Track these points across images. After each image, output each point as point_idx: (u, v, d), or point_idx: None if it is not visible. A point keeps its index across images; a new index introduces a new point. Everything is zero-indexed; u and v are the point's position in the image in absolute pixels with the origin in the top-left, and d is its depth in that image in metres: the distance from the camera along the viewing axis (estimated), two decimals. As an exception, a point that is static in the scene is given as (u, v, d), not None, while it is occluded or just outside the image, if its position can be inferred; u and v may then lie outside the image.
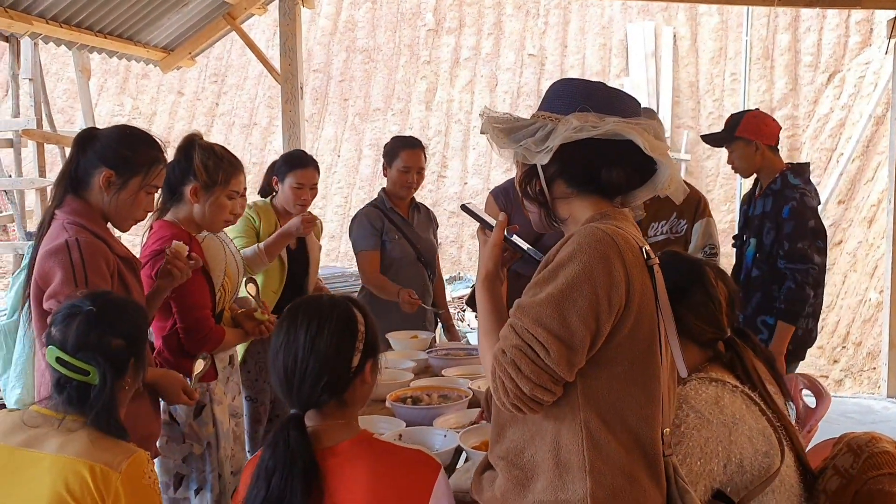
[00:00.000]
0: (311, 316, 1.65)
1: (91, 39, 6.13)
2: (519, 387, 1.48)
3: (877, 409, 6.00)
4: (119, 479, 1.73)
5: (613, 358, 1.53)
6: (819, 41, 12.91)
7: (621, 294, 1.50)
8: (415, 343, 3.62)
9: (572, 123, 1.56)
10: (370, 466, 1.60)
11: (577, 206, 1.67)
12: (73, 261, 2.15)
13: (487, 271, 1.73)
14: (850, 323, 8.98)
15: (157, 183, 2.39)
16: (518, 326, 1.50)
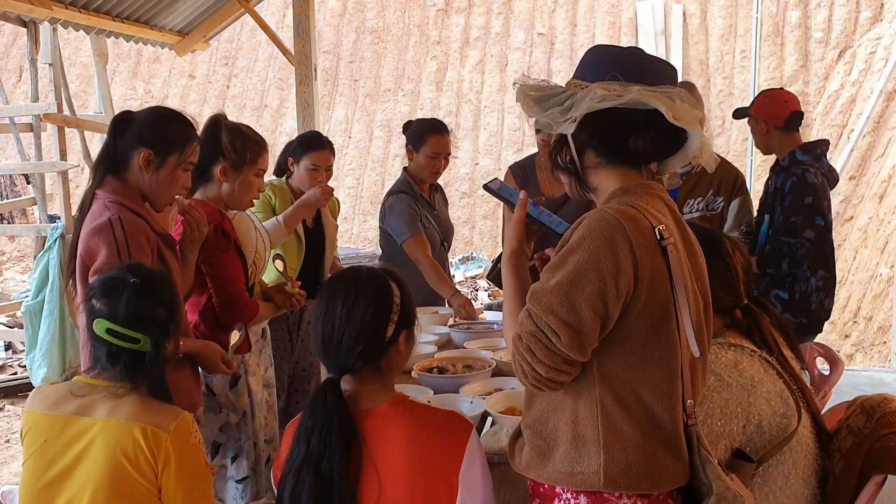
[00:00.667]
0: (349, 287, 1.73)
1: (108, 24, 6.20)
2: (536, 370, 1.55)
3: (888, 382, 6.07)
4: (168, 438, 1.83)
5: (626, 338, 1.56)
6: (830, 17, 12.86)
7: (629, 279, 1.52)
8: (436, 318, 3.71)
9: (596, 93, 1.57)
10: (407, 427, 1.69)
11: (605, 175, 1.68)
12: (116, 237, 2.25)
13: (512, 249, 1.75)
14: (860, 298, 9.03)
15: (192, 160, 2.48)
16: (532, 312, 1.55)
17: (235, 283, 2.74)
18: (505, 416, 2.30)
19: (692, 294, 1.60)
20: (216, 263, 2.70)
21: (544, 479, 1.65)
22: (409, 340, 1.79)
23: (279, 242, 3.45)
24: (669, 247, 1.56)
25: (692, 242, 1.70)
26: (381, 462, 1.66)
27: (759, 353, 1.99)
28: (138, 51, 14.19)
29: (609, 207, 1.58)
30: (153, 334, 1.91)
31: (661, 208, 1.64)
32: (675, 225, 1.65)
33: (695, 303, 1.62)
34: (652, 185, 1.68)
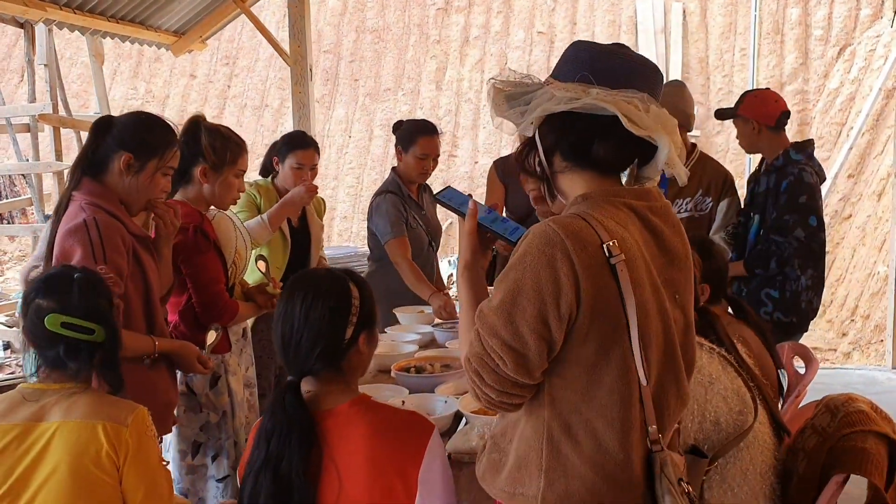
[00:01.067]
0: (308, 288, 1.75)
1: (104, 24, 6.24)
2: (486, 394, 1.51)
3: (881, 381, 6.07)
4: (127, 432, 1.86)
5: (575, 361, 1.47)
6: (830, 14, 12.83)
7: (570, 301, 1.42)
8: (421, 317, 3.73)
9: (553, 95, 1.50)
10: (367, 427, 1.70)
11: (573, 180, 1.58)
12: (91, 239, 2.27)
13: (465, 261, 1.67)
14: (858, 296, 9.02)
15: (172, 164, 2.51)
16: (480, 334, 1.49)
17: (215, 283, 2.76)
18: (477, 416, 2.31)
19: (654, 314, 1.49)
20: (196, 264, 2.72)
21: (493, 493, 1.63)
22: (369, 341, 1.81)
23: (264, 241, 3.47)
24: (619, 264, 1.44)
25: (670, 252, 1.58)
26: (342, 462, 1.67)
27: (718, 351, 2.01)
28: (139, 51, 14.22)
29: (553, 221, 1.48)
30: (106, 325, 1.94)
31: (623, 219, 1.52)
32: (641, 237, 1.53)
33: (659, 322, 1.51)
34: (618, 192, 1.56)
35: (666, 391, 1.54)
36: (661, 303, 1.52)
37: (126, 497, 1.88)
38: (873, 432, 1.90)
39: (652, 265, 1.52)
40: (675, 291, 1.57)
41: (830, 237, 10.49)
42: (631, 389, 1.47)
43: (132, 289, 2.39)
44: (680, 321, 1.57)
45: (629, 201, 1.56)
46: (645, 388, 1.48)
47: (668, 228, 1.59)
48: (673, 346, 1.54)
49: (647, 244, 1.54)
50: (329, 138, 13.81)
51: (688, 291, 1.61)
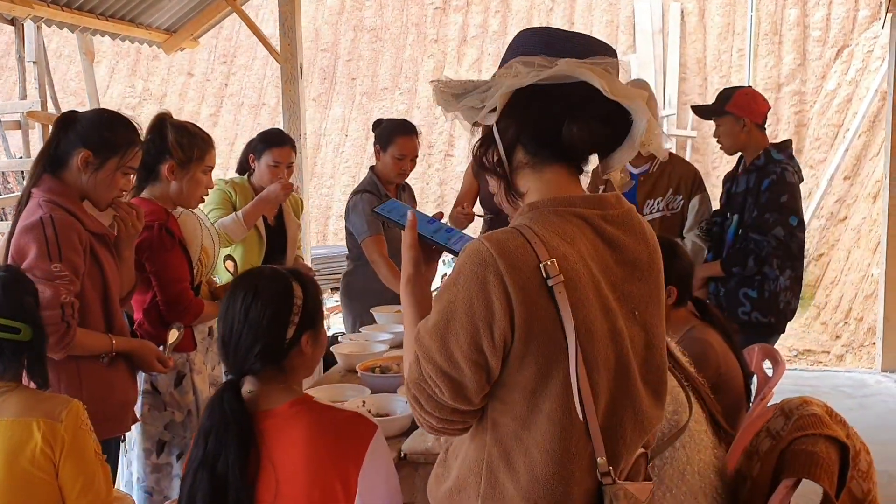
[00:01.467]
0: (248, 287, 1.73)
1: (93, 22, 6.23)
2: (427, 420, 1.43)
3: (869, 383, 6.04)
4: (62, 427, 1.85)
5: (514, 387, 1.37)
6: (828, 15, 12.80)
7: (504, 327, 1.32)
8: (397, 317, 3.71)
9: (518, 69, 1.37)
10: (306, 427, 1.68)
11: (532, 180, 1.44)
12: (47, 236, 2.27)
13: (408, 276, 1.55)
14: (852, 299, 8.99)
15: (133, 164, 2.50)
16: (418, 358, 1.39)
17: (179, 281, 2.75)
18: (436, 416, 2.30)
19: (603, 335, 1.37)
20: (160, 262, 2.71)
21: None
22: (313, 342, 1.78)
23: (239, 238, 3.46)
24: (557, 286, 1.32)
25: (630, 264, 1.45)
26: (279, 462, 1.66)
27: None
28: (137, 49, 14.24)
29: (488, 238, 1.36)
30: (31, 323, 1.93)
31: (570, 232, 1.39)
32: (592, 251, 1.40)
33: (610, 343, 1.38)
34: (570, 200, 1.42)
35: (620, 418, 1.41)
36: (614, 322, 1.39)
37: (63, 492, 1.88)
38: (825, 436, 1.88)
39: (603, 281, 1.39)
40: (633, 307, 1.44)
41: (825, 239, 10.47)
42: (572, 418, 1.35)
43: (90, 287, 2.38)
44: (639, 338, 1.44)
45: (581, 210, 1.42)
46: (591, 417, 1.36)
47: (629, 237, 1.45)
48: (627, 368, 1.41)
49: (600, 258, 1.41)
50: (326, 137, 13.82)
51: (651, 304, 1.47)
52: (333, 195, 13.14)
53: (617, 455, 1.42)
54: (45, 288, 2.17)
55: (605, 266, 1.41)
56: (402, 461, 2.19)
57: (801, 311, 9.90)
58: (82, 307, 2.33)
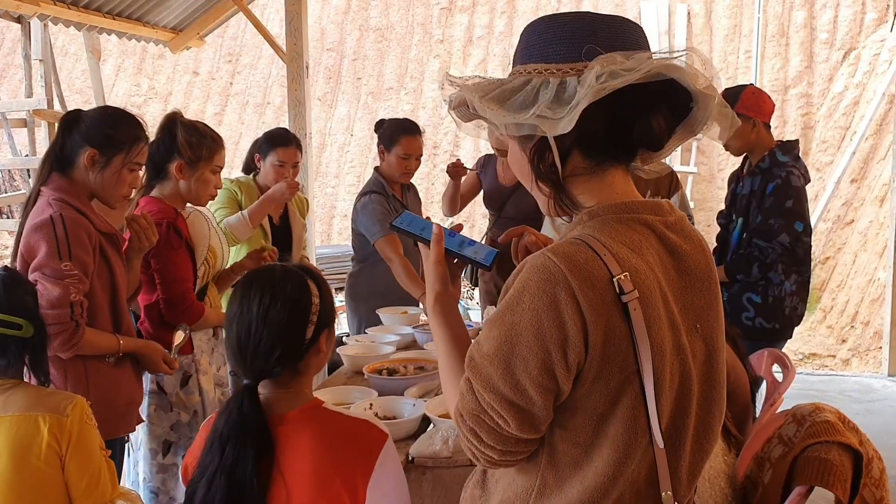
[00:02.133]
0: (265, 287, 1.66)
1: (99, 20, 6.23)
2: (487, 454, 1.30)
3: (876, 388, 6.01)
4: (69, 422, 1.84)
5: (579, 410, 1.26)
6: (835, 18, 12.76)
7: (579, 348, 1.21)
8: (403, 318, 3.69)
9: (600, 71, 1.21)
10: (316, 433, 1.64)
11: (585, 187, 1.33)
12: (57, 235, 2.26)
13: (436, 293, 1.45)
14: (858, 303, 8.97)
15: (139, 160, 2.49)
16: (474, 387, 1.27)
17: (182, 281, 2.74)
18: (444, 419, 2.28)
19: (670, 353, 1.27)
20: (165, 260, 2.70)
21: None
22: (329, 340, 1.74)
23: (245, 237, 3.44)
24: (632, 303, 1.22)
25: (690, 274, 1.35)
26: (288, 469, 1.63)
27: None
28: (143, 48, 14.26)
29: (553, 252, 1.24)
30: (32, 320, 1.92)
31: (637, 241, 1.29)
32: (658, 258, 1.31)
33: (676, 360, 1.29)
34: (632, 206, 1.32)
35: (681, 441, 1.32)
36: (678, 338, 1.29)
37: (69, 487, 1.87)
38: (838, 443, 1.86)
39: (669, 293, 1.30)
40: (695, 320, 1.34)
41: (832, 242, 10.43)
42: (637, 442, 1.26)
43: (98, 286, 2.37)
44: (701, 353, 1.34)
45: (645, 217, 1.32)
46: (658, 447, 1.26)
47: (688, 245, 1.36)
48: (689, 387, 1.31)
49: (665, 268, 1.31)
50: (331, 136, 13.81)
51: (711, 316, 1.37)
52: (338, 195, 13.13)
53: (680, 484, 1.33)
54: (54, 287, 2.16)
55: (669, 277, 1.32)
56: (410, 464, 2.17)
57: (807, 314, 9.87)
58: (91, 306, 2.32)
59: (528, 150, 1.32)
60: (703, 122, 1.30)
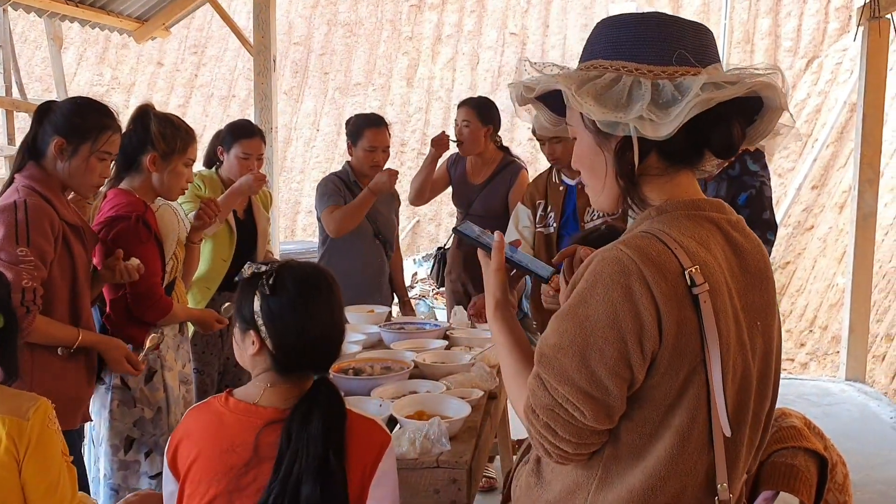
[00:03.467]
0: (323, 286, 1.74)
1: (62, 8, 6.09)
2: (561, 448, 1.31)
3: (834, 392, 6.10)
4: (29, 426, 1.78)
5: (646, 402, 1.29)
6: (799, 26, 12.98)
7: (654, 337, 1.24)
8: (370, 317, 3.66)
9: (705, 83, 1.25)
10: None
11: (663, 184, 1.37)
12: (17, 220, 2.25)
13: (497, 300, 1.49)
14: (817, 307, 9.12)
15: (108, 149, 2.47)
16: (546, 381, 1.29)
17: (151, 276, 2.69)
18: (411, 420, 2.26)
19: (735, 347, 1.30)
20: (134, 254, 2.64)
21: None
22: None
23: (211, 232, 3.39)
24: (702, 295, 1.25)
25: (751, 273, 1.38)
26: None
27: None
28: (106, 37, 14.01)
29: (625, 244, 1.28)
30: (4, 311, 1.86)
31: (704, 237, 1.33)
32: (723, 255, 1.34)
33: (739, 355, 1.32)
34: (699, 203, 1.36)
35: (740, 434, 1.35)
36: (741, 333, 1.32)
37: (26, 492, 1.81)
38: (804, 448, 1.87)
39: (734, 290, 1.33)
40: (756, 317, 1.37)
41: (792, 247, 10.60)
42: (698, 433, 1.29)
43: (58, 276, 2.34)
44: (760, 349, 1.37)
45: (711, 214, 1.36)
46: (718, 434, 1.29)
47: (749, 244, 1.39)
48: (749, 382, 1.34)
49: (730, 265, 1.35)
50: (297, 131, 13.71)
51: (770, 315, 1.40)
52: (303, 190, 13.02)
53: (735, 478, 1.35)
54: (6, 271, 2.12)
55: (733, 274, 1.35)
56: (377, 466, 2.15)
57: (767, 318, 10.02)
58: (48, 295, 2.28)
59: (613, 146, 1.34)
60: (763, 135, 1.36)
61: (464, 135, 4.07)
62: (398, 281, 4.26)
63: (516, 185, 4.10)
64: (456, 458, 2.12)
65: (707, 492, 1.32)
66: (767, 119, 1.34)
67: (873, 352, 6.91)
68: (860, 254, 6.24)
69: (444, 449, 2.13)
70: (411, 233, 12.54)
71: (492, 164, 4.18)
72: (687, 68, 1.28)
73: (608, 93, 1.28)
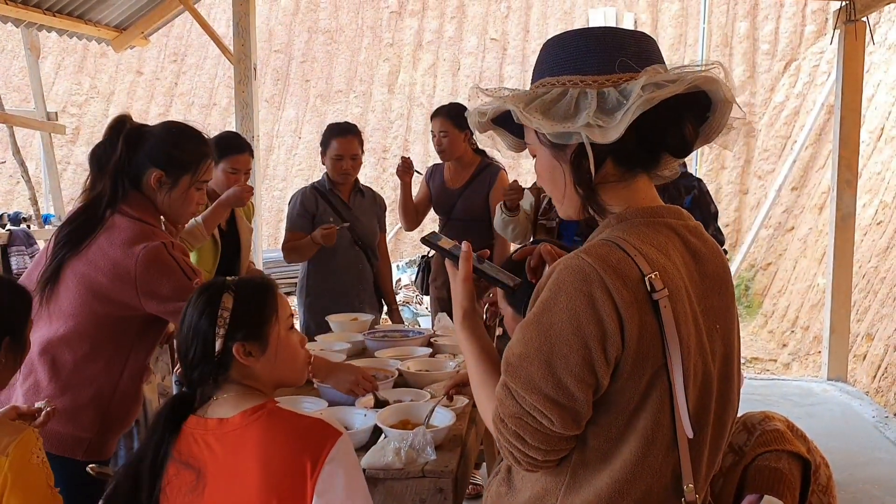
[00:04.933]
0: (189, 300, 1.74)
1: (39, 17, 6.05)
2: (530, 456, 1.34)
3: (816, 392, 6.14)
4: (7, 462, 1.73)
5: (612, 406, 1.32)
6: (776, 29, 13.08)
7: (616, 343, 1.26)
8: (354, 325, 3.64)
9: (647, 82, 1.27)
10: (265, 433, 1.64)
11: (620, 190, 1.39)
12: (174, 257, 2.26)
13: (464, 310, 1.51)
14: (798, 308, 9.17)
15: (206, 178, 2.40)
16: (513, 391, 1.31)
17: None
18: (395, 429, 2.25)
19: (694, 350, 1.33)
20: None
21: None
22: (253, 352, 1.71)
23: (198, 244, 3.37)
24: (662, 300, 1.28)
25: (710, 277, 1.41)
26: (226, 471, 1.61)
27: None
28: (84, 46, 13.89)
29: (586, 253, 1.30)
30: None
31: (663, 243, 1.36)
32: (682, 260, 1.37)
33: (699, 358, 1.34)
34: (657, 210, 1.39)
35: (703, 435, 1.37)
36: (700, 336, 1.35)
37: None
38: (787, 452, 1.88)
39: (692, 294, 1.36)
40: (715, 320, 1.40)
41: (773, 248, 10.67)
42: (662, 435, 1.32)
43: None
44: (720, 352, 1.40)
45: (669, 221, 1.39)
46: (682, 436, 1.31)
47: (706, 249, 1.42)
48: (710, 385, 1.37)
49: (689, 269, 1.37)
50: (278, 139, 13.66)
51: (729, 319, 1.44)
52: (286, 198, 12.96)
53: (699, 478, 1.37)
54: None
55: (692, 278, 1.37)
56: (361, 476, 2.13)
57: (749, 319, 10.08)
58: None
59: (569, 156, 1.37)
60: (718, 130, 1.38)
61: (443, 144, 4.14)
62: (386, 288, 4.25)
63: (496, 186, 4.15)
64: (441, 467, 2.11)
65: (673, 493, 1.35)
66: (719, 114, 1.37)
67: (854, 351, 6.95)
68: (840, 254, 6.29)
69: (429, 458, 2.13)
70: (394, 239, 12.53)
71: (470, 168, 4.24)
72: (631, 74, 1.31)
73: (556, 106, 1.32)
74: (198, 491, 1.62)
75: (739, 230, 11.79)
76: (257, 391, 1.74)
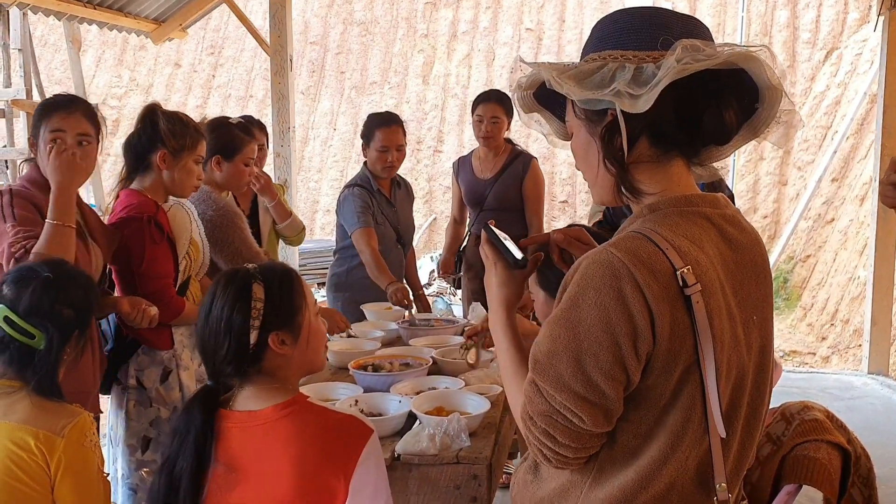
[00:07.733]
0: (214, 291, 1.67)
1: (80, 10, 6.14)
2: (561, 454, 1.32)
3: (856, 385, 6.05)
4: (63, 443, 1.76)
5: (643, 402, 1.29)
6: (818, 17, 12.84)
7: (647, 339, 1.23)
8: (388, 314, 3.66)
9: (682, 54, 1.23)
10: (296, 429, 1.62)
11: (655, 174, 1.35)
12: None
13: (509, 301, 1.49)
14: (838, 300, 9.03)
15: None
16: (542, 388, 1.29)
17: (163, 276, 2.69)
18: (430, 416, 2.25)
19: (728, 344, 1.29)
20: (146, 255, 2.65)
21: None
22: (289, 341, 1.68)
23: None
24: (694, 295, 1.24)
25: (748, 267, 1.37)
26: (257, 465, 1.61)
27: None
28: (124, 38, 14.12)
29: (615, 246, 1.26)
30: (50, 333, 1.85)
31: (697, 234, 1.31)
32: (717, 251, 1.32)
33: (733, 352, 1.31)
34: (692, 199, 1.34)
35: (734, 430, 1.33)
36: (735, 329, 1.31)
37: None
38: (827, 441, 1.86)
39: (727, 286, 1.31)
40: (752, 311, 1.36)
41: (812, 240, 10.50)
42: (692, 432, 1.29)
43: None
44: (756, 344, 1.36)
45: (704, 210, 1.34)
46: (714, 433, 1.28)
47: (745, 238, 1.38)
48: (744, 378, 1.33)
49: (725, 260, 1.33)
50: (314, 130, 13.74)
51: (766, 308, 1.39)
52: (321, 189, 13.05)
53: (733, 476, 1.35)
54: None
55: (728, 269, 1.33)
56: (396, 462, 2.14)
57: (788, 312, 9.94)
58: None
59: (600, 130, 1.33)
60: (766, 124, 1.33)
61: (492, 131, 4.11)
62: (411, 275, 4.25)
63: (530, 174, 4.13)
64: (476, 453, 2.12)
65: (697, 486, 1.31)
66: (767, 105, 1.32)
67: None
68: (881, 246, 6.18)
69: (463, 445, 2.13)
70: (428, 230, 12.54)
71: (502, 157, 4.21)
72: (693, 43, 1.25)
73: (591, 77, 1.28)
74: (230, 485, 1.61)
75: (778, 222, 11.62)
76: (285, 382, 1.71)
